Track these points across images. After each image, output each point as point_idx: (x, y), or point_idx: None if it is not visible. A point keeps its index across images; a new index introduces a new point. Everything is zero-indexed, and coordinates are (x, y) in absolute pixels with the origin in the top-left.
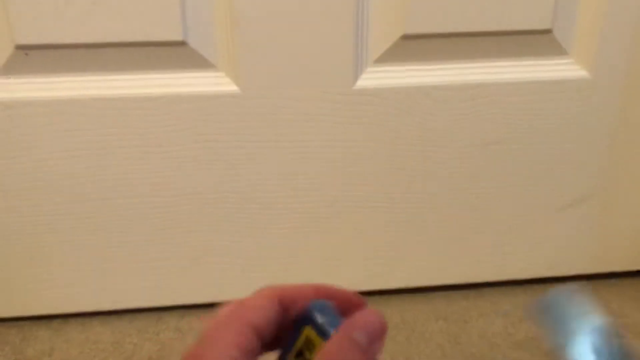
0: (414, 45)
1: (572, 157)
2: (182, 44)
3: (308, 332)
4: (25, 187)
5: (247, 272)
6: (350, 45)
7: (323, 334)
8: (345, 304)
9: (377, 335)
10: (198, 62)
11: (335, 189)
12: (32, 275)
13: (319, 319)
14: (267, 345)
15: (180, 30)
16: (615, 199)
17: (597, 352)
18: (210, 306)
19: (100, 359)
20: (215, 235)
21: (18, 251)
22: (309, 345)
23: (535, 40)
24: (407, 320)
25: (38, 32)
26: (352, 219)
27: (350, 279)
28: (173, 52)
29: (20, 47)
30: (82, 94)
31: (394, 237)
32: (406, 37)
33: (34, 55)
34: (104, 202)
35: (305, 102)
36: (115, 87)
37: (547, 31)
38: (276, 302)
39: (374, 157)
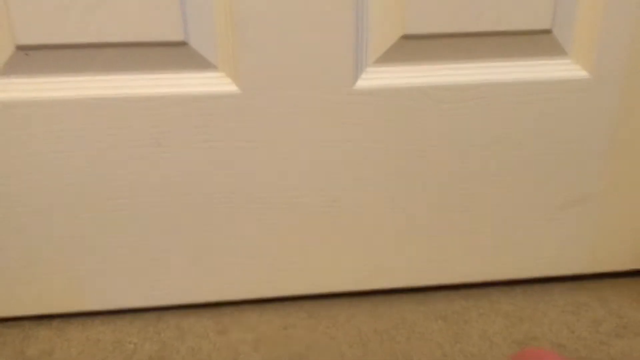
0: (414, 45)
1: (572, 157)
2: (182, 44)
3: None
4: (24, 187)
5: (247, 271)
6: (350, 46)
7: None
8: None
9: None
10: (199, 62)
11: (335, 189)
12: (32, 275)
13: None
14: None
15: (181, 31)
16: (615, 198)
17: None
18: (211, 306)
19: (101, 359)
20: (216, 235)
21: (18, 251)
22: None
23: (535, 41)
24: (407, 320)
25: (39, 33)
26: (352, 219)
27: (350, 278)
28: (174, 53)
29: (21, 48)
30: (83, 94)
31: (394, 236)
32: (406, 38)
33: (34, 56)
34: (104, 202)
35: (305, 102)
36: (116, 87)
37: (547, 31)
38: None
39: (374, 157)
